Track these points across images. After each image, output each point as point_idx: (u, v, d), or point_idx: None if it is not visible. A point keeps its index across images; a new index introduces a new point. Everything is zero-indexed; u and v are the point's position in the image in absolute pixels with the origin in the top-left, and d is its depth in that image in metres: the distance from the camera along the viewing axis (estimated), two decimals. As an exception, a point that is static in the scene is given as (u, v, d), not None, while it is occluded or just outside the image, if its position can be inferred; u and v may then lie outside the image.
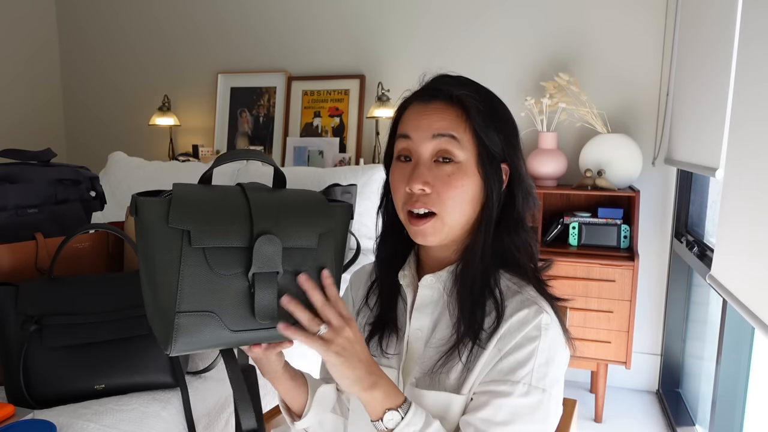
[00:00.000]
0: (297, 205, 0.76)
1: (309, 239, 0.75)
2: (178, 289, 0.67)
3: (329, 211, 0.78)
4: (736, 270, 1.41)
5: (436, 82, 0.84)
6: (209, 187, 0.74)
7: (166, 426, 1.14)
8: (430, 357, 0.83)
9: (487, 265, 0.82)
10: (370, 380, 0.73)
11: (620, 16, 2.60)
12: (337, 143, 3.04)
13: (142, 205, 0.68)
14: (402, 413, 0.73)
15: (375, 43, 3.02)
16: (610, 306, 2.33)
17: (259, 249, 0.70)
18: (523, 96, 2.68)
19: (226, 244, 0.70)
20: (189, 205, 0.69)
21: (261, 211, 0.72)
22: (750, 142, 1.36)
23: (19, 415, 1.04)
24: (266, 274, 0.71)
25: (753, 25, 1.43)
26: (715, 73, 1.82)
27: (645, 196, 2.59)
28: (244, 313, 0.70)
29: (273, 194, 0.76)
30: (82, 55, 3.67)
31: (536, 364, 0.76)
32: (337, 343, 0.70)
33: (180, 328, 0.67)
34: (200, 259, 0.68)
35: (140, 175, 2.83)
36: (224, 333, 0.70)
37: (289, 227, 0.73)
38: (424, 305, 0.87)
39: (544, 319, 0.79)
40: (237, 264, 0.70)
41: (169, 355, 0.69)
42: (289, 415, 0.92)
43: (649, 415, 2.48)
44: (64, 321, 1.14)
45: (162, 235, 0.68)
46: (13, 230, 1.35)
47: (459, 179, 0.79)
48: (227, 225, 0.70)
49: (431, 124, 0.80)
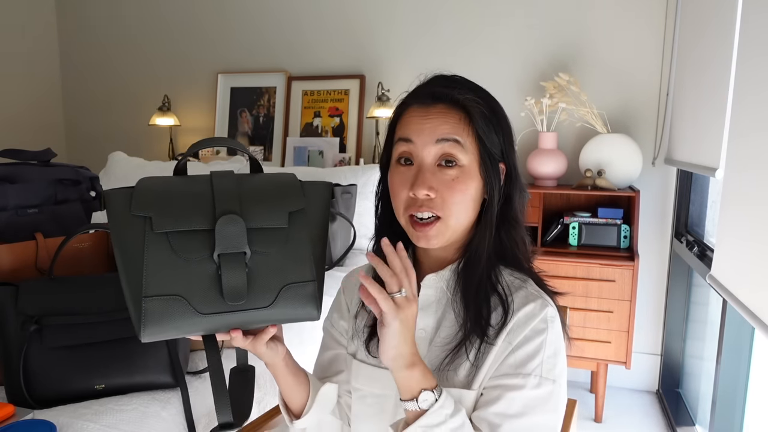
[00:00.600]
0: (264, 186, 0.77)
1: (277, 219, 0.75)
2: (144, 274, 0.69)
3: (299, 190, 0.79)
4: (736, 270, 1.41)
5: (435, 84, 0.84)
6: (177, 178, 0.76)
7: (166, 426, 1.14)
8: (437, 356, 0.83)
9: (489, 262, 0.83)
10: (414, 359, 0.74)
11: (620, 16, 2.60)
12: (337, 143, 3.04)
13: (108, 196, 0.72)
14: (436, 395, 0.74)
15: (375, 43, 3.02)
16: (610, 306, 2.33)
17: (221, 230, 0.71)
18: (523, 96, 2.68)
19: (188, 227, 0.71)
20: (150, 193, 0.72)
21: (223, 194, 0.73)
22: (750, 142, 1.36)
23: (19, 415, 1.04)
24: (232, 255, 0.72)
25: (753, 26, 1.43)
26: (716, 73, 1.82)
27: (645, 196, 2.59)
28: (213, 296, 0.71)
29: (243, 178, 0.77)
30: (82, 55, 3.67)
31: (545, 356, 0.78)
32: (406, 311, 0.72)
33: (148, 313, 0.68)
34: (164, 244, 0.70)
35: (140, 175, 2.80)
36: (194, 317, 0.70)
37: (254, 207, 0.74)
38: (427, 305, 0.87)
39: (549, 312, 0.80)
40: (202, 247, 0.71)
41: (142, 341, 0.69)
42: (288, 414, 0.92)
43: (649, 415, 2.48)
44: (64, 321, 1.14)
45: (126, 223, 0.71)
46: (13, 230, 1.36)
47: (462, 183, 0.80)
48: (188, 209, 0.72)
49: (435, 128, 0.80)
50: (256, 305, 0.73)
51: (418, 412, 0.73)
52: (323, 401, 0.90)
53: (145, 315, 0.68)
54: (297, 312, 0.75)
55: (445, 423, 0.73)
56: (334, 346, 0.98)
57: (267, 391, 1.43)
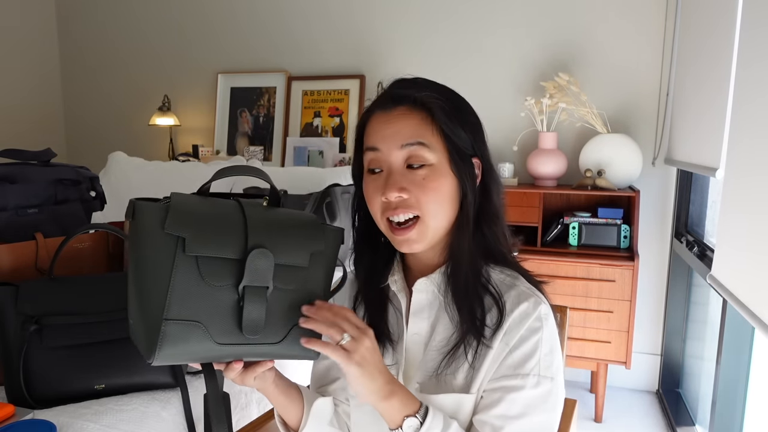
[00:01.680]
0: (291, 223, 0.77)
1: (301, 258, 0.75)
2: (168, 295, 0.66)
3: (322, 234, 0.79)
4: (736, 270, 1.41)
5: (395, 87, 0.83)
6: (207, 199, 0.74)
7: (166, 426, 1.14)
8: (433, 359, 0.83)
9: (475, 261, 0.82)
10: (388, 389, 0.73)
11: (620, 16, 2.60)
12: (337, 143, 3.04)
13: (140, 208, 0.69)
14: (420, 418, 0.74)
15: (375, 43, 3.02)
16: (610, 306, 2.33)
17: (251, 262, 0.70)
18: (523, 96, 2.68)
19: (220, 254, 0.70)
20: (186, 212, 0.69)
21: (256, 226, 0.73)
22: (750, 142, 1.36)
23: (19, 415, 1.04)
24: (256, 288, 0.71)
25: (753, 25, 1.43)
26: (716, 73, 1.82)
27: (645, 196, 2.59)
28: (230, 325, 0.70)
29: (268, 212, 0.76)
30: (82, 55, 3.67)
31: (542, 354, 0.78)
32: (358, 352, 0.71)
33: (166, 336, 0.66)
34: (193, 267, 0.68)
35: (140, 175, 2.82)
36: (209, 345, 0.69)
37: (283, 244, 0.74)
38: (420, 309, 0.86)
39: (543, 309, 0.80)
40: (228, 276, 0.70)
41: (152, 364, 0.67)
42: (285, 429, 0.91)
43: (649, 415, 2.48)
44: (63, 321, 1.14)
45: (157, 240, 0.67)
46: (13, 230, 1.36)
47: (434, 180, 0.79)
48: (222, 236, 0.70)
49: (397, 132, 0.79)
50: (267, 340, 0.73)
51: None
52: (318, 416, 0.89)
53: (163, 338, 0.66)
54: (300, 351, 0.75)
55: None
56: None
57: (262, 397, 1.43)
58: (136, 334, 0.71)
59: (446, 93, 0.82)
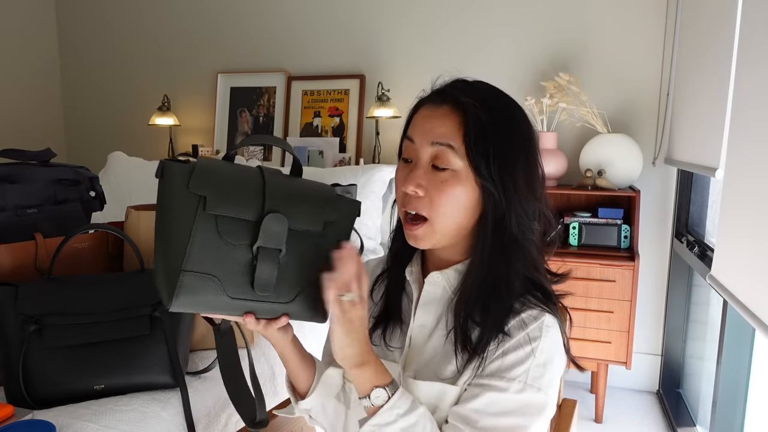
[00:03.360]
0: (308, 191, 0.81)
1: (315, 224, 0.80)
2: (188, 249, 0.71)
3: (337, 203, 0.83)
4: (736, 270, 1.41)
5: (449, 85, 0.83)
6: (231, 164, 0.79)
7: (166, 426, 1.13)
8: (429, 352, 0.84)
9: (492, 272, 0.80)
10: (362, 358, 0.76)
11: (620, 16, 2.59)
12: (337, 143, 3.04)
13: (168, 167, 0.74)
14: (389, 392, 0.76)
15: (375, 43, 3.01)
16: (610, 306, 2.33)
17: (266, 225, 0.75)
18: (523, 96, 2.68)
19: (238, 215, 0.74)
20: (209, 174, 0.74)
21: (274, 191, 0.77)
22: (750, 142, 1.36)
23: (19, 415, 1.04)
24: (269, 249, 0.76)
25: (753, 25, 1.43)
26: (716, 73, 1.82)
27: (645, 196, 2.58)
28: (243, 282, 0.75)
29: (288, 179, 0.81)
30: (82, 55, 3.67)
31: (533, 364, 0.77)
32: (351, 315, 0.74)
33: (183, 286, 0.71)
34: (212, 225, 0.73)
35: (140, 175, 2.83)
36: (223, 298, 0.74)
37: (298, 211, 0.78)
38: (428, 302, 0.87)
39: (547, 320, 0.79)
40: (244, 235, 0.75)
41: (169, 309, 0.73)
42: (294, 394, 0.95)
43: (649, 416, 2.48)
44: (63, 321, 1.14)
45: (181, 197, 0.73)
46: (12, 230, 1.35)
47: (452, 186, 0.78)
48: (241, 198, 0.75)
49: (433, 130, 0.80)
50: (277, 299, 0.78)
51: (373, 408, 0.76)
52: (327, 383, 0.93)
53: (180, 287, 0.71)
54: (309, 313, 0.81)
55: (395, 422, 0.74)
56: None
57: (267, 391, 1.43)
58: (159, 282, 0.75)
59: (495, 106, 0.80)
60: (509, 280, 0.80)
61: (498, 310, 0.79)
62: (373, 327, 0.91)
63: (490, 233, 0.80)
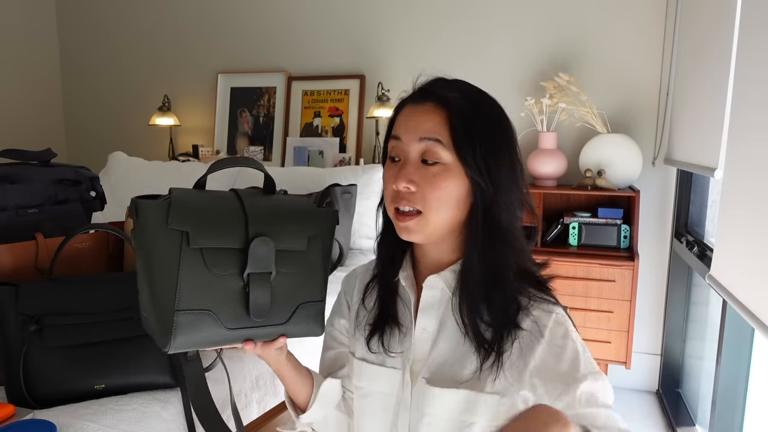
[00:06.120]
0: (288, 210, 0.81)
1: (299, 242, 0.79)
2: (177, 288, 0.69)
3: (318, 217, 0.83)
4: (736, 270, 1.41)
5: (430, 83, 0.85)
6: (205, 192, 0.77)
7: (166, 426, 1.14)
8: (441, 355, 0.84)
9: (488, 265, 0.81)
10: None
11: (620, 16, 2.60)
12: (337, 143, 3.04)
13: (142, 207, 0.71)
14: None
15: (375, 43, 3.02)
16: (610, 306, 2.33)
17: (254, 250, 0.74)
18: (523, 96, 2.68)
19: (223, 245, 0.73)
20: (187, 207, 0.72)
21: (256, 215, 0.76)
22: (749, 142, 1.36)
23: (19, 415, 1.04)
24: (260, 274, 0.75)
25: (752, 26, 1.43)
26: (715, 74, 1.82)
27: (645, 196, 2.59)
28: (239, 311, 0.74)
29: (266, 199, 0.80)
30: (82, 55, 3.67)
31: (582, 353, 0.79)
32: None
33: (179, 326, 0.70)
34: (198, 259, 0.71)
35: (140, 175, 2.83)
36: (220, 330, 0.73)
37: (282, 231, 0.77)
38: (429, 306, 0.87)
39: (558, 313, 0.81)
40: (233, 264, 0.74)
41: (168, 352, 0.71)
42: (294, 409, 0.94)
43: (649, 415, 2.48)
44: (64, 321, 1.14)
45: (162, 236, 0.70)
46: (13, 230, 1.35)
47: (443, 180, 0.79)
48: (224, 227, 0.73)
49: (418, 126, 0.80)
50: (273, 322, 0.77)
51: None
52: (326, 396, 0.93)
53: (176, 328, 0.70)
54: (305, 329, 0.81)
55: None
56: (336, 345, 1.00)
57: (267, 391, 1.43)
58: (150, 326, 0.74)
59: (476, 100, 0.82)
60: (505, 271, 0.81)
61: (503, 303, 0.80)
62: (370, 334, 0.90)
63: (481, 224, 0.81)
